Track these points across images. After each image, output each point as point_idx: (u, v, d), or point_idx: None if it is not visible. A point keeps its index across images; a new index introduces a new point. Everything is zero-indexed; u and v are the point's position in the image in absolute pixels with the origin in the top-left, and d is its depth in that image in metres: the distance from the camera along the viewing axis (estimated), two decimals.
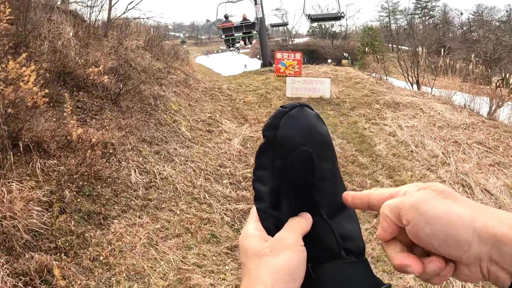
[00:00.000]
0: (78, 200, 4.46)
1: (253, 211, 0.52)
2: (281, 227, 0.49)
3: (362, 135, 8.39)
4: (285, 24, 22.30)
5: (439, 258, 0.40)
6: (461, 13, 57.76)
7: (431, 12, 59.34)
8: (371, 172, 7.14)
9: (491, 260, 0.37)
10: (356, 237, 0.51)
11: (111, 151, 5.52)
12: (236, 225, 5.37)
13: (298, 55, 13.02)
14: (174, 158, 6.42)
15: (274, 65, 15.26)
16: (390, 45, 31.09)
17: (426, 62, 12.87)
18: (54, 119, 5.15)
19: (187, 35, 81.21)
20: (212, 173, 6.49)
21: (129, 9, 22.26)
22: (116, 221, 4.53)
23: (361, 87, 12.51)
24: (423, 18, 59.28)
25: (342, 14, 16.13)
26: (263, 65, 16.74)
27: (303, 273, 0.46)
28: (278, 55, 13.33)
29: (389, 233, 0.43)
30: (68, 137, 4.86)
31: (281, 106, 0.51)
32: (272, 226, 0.50)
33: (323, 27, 62.17)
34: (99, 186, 4.79)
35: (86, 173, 4.68)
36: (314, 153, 0.49)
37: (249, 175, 6.69)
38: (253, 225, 0.51)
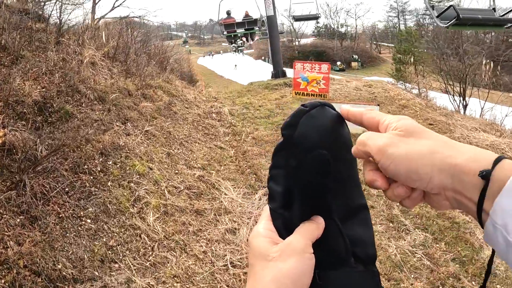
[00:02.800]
0: None
1: (266, 210, 0.50)
2: (290, 227, 0.47)
3: (453, 222, 4.90)
4: (316, 18, 16.97)
5: (405, 186, 0.43)
6: None
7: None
8: None
9: (455, 190, 0.38)
10: (367, 244, 0.48)
11: None
12: None
13: (325, 67, 9.50)
14: None
15: (290, 78, 11.79)
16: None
17: (490, 77, 9.35)
18: None
19: (189, 35, 77.14)
20: None
21: (116, 7, 18.67)
22: None
23: (412, 113, 9.00)
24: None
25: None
26: (274, 75, 13.21)
27: (309, 281, 0.44)
28: (298, 65, 9.82)
29: (364, 158, 0.46)
30: None
31: (302, 105, 0.48)
32: (282, 226, 0.47)
33: (329, 27, 58.35)
34: None
35: None
36: (331, 155, 0.46)
37: None
38: (263, 224, 0.48)
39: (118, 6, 17.21)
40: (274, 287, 0.42)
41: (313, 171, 0.46)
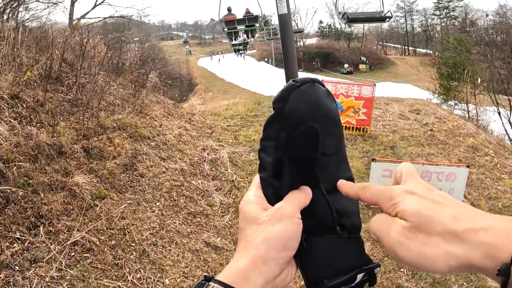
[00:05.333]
0: None
1: (256, 179, 0.50)
2: (280, 196, 0.48)
3: None
4: (383, 19, 9.46)
5: None
6: (486, 15, 50.44)
7: (452, 13, 52.11)
8: None
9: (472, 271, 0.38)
10: (352, 214, 0.49)
11: None
12: None
13: (367, 90, 6.59)
14: None
15: None
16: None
17: None
18: None
19: (190, 34, 73.70)
20: None
21: (98, 4, 15.69)
22: None
23: (488, 160, 6.15)
24: (445, 19, 52.15)
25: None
26: None
27: (297, 244, 0.45)
28: (328, 87, 6.86)
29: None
30: None
31: (292, 80, 0.48)
32: (272, 195, 0.48)
33: (333, 27, 55.10)
34: None
35: None
36: (320, 129, 0.47)
37: None
38: (253, 192, 0.49)
39: (100, 3, 14.23)
40: (265, 248, 0.43)
41: (303, 143, 0.46)
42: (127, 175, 4.16)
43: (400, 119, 7.43)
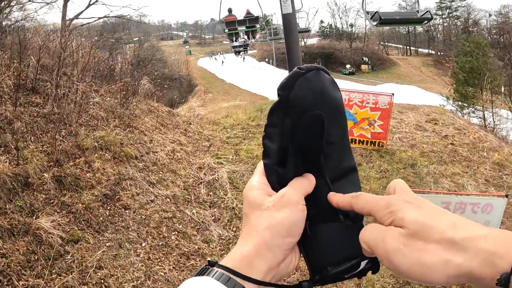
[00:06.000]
0: None
1: (260, 165, 0.49)
2: (284, 183, 0.47)
3: None
4: (420, 21, 5.99)
5: None
6: (489, 15, 49.69)
7: (455, 13, 51.35)
8: None
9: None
10: None
11: None
12: None
13: (384, 100, 5.91)
14: None
15: None
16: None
17: None
18: None
19: (190, 34, 73.02)
20: None
21: (92, 4, 14.97)
22: None
23: None
24: (447, 19, 51.42)
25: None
26: None
27: (301, 230, 0.45)
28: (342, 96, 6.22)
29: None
30: None
31: (297, 67, 0.47)
32: (276, 182, 0.48)
33: (334, 26, 54.33)
34: None
35: None
36: (325, 117, 0.46)
37: None
38: (257, 178, 0.49)
39: (94, 3, 13.52)
40: (269, 234, 0.43)
41: (308, 131, 0.46)
42: (108, 209, 3.50)
43: (418, 131, 6.76)
